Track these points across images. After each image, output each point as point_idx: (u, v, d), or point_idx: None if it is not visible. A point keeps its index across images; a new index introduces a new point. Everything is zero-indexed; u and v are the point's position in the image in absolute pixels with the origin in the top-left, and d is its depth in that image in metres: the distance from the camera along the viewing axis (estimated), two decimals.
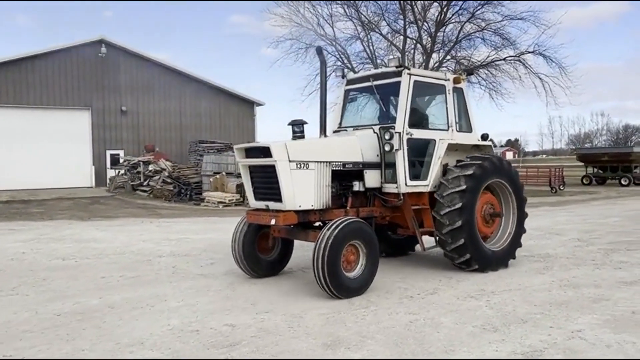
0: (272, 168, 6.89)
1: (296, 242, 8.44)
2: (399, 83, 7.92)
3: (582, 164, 37.66)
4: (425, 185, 8.05)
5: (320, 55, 8.01)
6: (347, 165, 7.54)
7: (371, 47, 32.49)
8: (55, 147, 29.28)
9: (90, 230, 13.48)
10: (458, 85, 8.61)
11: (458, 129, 8.55)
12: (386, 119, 8.32)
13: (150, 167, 25.15)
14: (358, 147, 7.72)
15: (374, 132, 7.93)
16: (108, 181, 29.11)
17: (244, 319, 5.80)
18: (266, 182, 7.20)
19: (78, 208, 20.05)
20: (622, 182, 34.63)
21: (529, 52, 29.26)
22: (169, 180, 23.56)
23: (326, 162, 7.30)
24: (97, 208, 20.21)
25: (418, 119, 8.24)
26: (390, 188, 7.86)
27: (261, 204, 7.36)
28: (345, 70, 11.38)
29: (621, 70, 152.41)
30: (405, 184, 7.74)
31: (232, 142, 30.77)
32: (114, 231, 13.37)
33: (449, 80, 8.48)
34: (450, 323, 5.61)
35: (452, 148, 8.39)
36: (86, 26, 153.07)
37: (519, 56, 29.75)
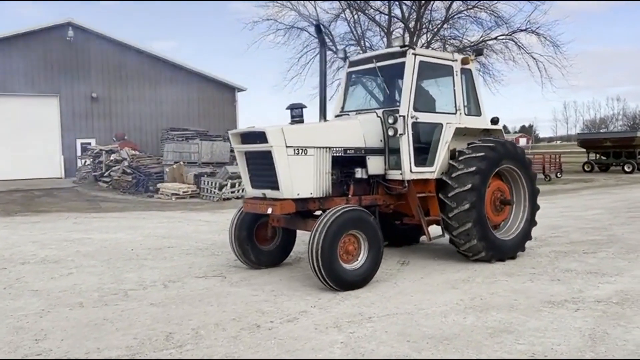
0: (269, 154, 6.49)
1: None
2: (403, 64, 7.47)
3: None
4: (431, 172, 7.63)
5: (320, 34, 7.55)
6: (348, 151, 7.16)
7: (360, 29, 30.74)
8: (21, 136, 27.92)
9: None
10: (466, 67, 8.14)
11: (466, 113, 8.09)
12: (391, 102, 7.99)
13: (112, 157, 23.71)
14: (360, 132, 7.28)
15: (378, 116, 7.46)
16: (77, 171, 27.74)
17: None
18: (263, 169, 6.80)
19: (20, 201, 18.69)
20: (626, 168, 32.58)
21: (521, 30, 27.35)
22: (128, 171, 22.10)
23: (326, 147, 6.90)
24: (42, 201, 18.83)
25: (424, 102, 7.83)
26: (394, 175, 7.44)
27: (258, 192, 7.02)
28: (347, 50, 10.24)
29: (637, 53, 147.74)
30: (410, 171, 7.32)
31: (210, 129, 29.23)
32: (18, 229, 11.96)
33: (456, 61, 8.02)
34: None
35: (461, 133, 7.96)
36: (87, 15, 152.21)
37: (510, 34, 27.83)
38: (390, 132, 7.26)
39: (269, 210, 6.67)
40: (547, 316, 5.29)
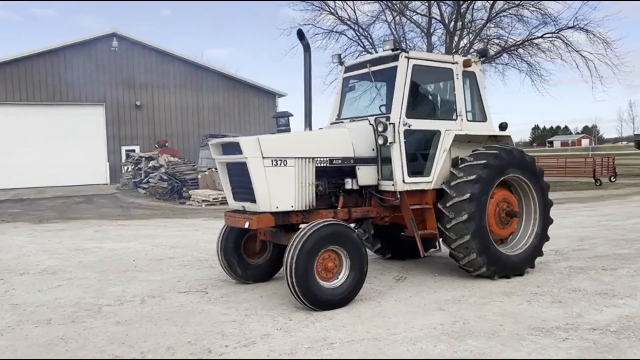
0: (245, 165, 6.22)
1: None
2: (396, 68, 7.04)
3: None
4: (427, 182, 7.19)
5: (303, 39, 7.11)
6: (335, 161, 6.79)
7: (401, 30, 30.14)
8: (69, 143, 28.90)
9: (11, 237, 12.31)
10: (469, 69, 7.62)
11: (470, 118, 7.62)
12: (388, 109, 7.35)
13: (150, 164, 24.13)
14: (349, 140, 6.90)
15: (370, 124, 7.02)
16: (120, 178, 28.44)
17: None
18: (242, 180, 6.52)
19: (58, 208, 19.24)
20: None
21: (569, 28, 25.99)
22: (165, 177, 22.41)
23: (308, 158, 6.55)
24: (78, 208, 19.32)
25: (420, 108, 7.48)
26: (387, 185, 7.03)
27: (238, 205, 6.74)
28: (342, 55, 9.89)
29: None
30: (403, 181, 6.89)
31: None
32: (39, 237, 12.24)
33: (457, 63, 7.51)
34: None
35: (464, 140, 7.50)
36: (143, 25, 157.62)
37: (557, 32, 26.52)
38: (380, 141, 6.86)
39: (246, 224, 6.41)
40: (528, 346, 4.76)
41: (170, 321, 5.72)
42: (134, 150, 30.12)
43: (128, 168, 27.38)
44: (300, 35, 6.90)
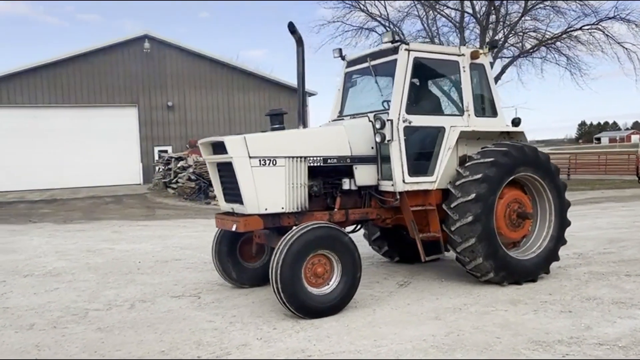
0: (232, 166, 5.95)
1: None
2: (396, 62, 6.68)
3: None
4: (430, 182, 6.77)
5: (295, 33, 6.63)
6: (329, 161, 6.45)
7: (435, 25, 29.48)
8: (103, 145, 29.34)
9: (31, 238, 12.43)
10: (477, 61, 7.17)
11: (479, 114, 7.16)
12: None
13: (180, 164, 24.24)
14: (345, 138, 6.57)
15: (369, 121, 6.66)
16: (152, 178, 28.75)
17: None
18: (231, 181, 6.24)
19: (86, 208, 19.45)
20: None
21: (609, 18, 24.85)
22: (193, 177, 22.47)
23: (300, 157, 6.25)
24: (106, 208, 19.50)
25: (423, 103, 7.16)
26: (387, 186, 6.65)
27: (229, 207, 6.48)
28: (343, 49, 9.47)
29: None
30: (403, 181, 6.50)
31: None
32: (58, 237, 12.26)
33: (463, 55, 7.07)
34: None
35: (472, 137, 7.06)
36: (182, 28, 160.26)
37: (597, 24, 25.38)
38: (378, 138, 6.46)
39: (234, 227, 6.14)
40: None
41: (151, 328, 5.52)
42: (166, 151, 30.36)
43: (159, 168, 27.62)
44: (292, 28, 6.56)
